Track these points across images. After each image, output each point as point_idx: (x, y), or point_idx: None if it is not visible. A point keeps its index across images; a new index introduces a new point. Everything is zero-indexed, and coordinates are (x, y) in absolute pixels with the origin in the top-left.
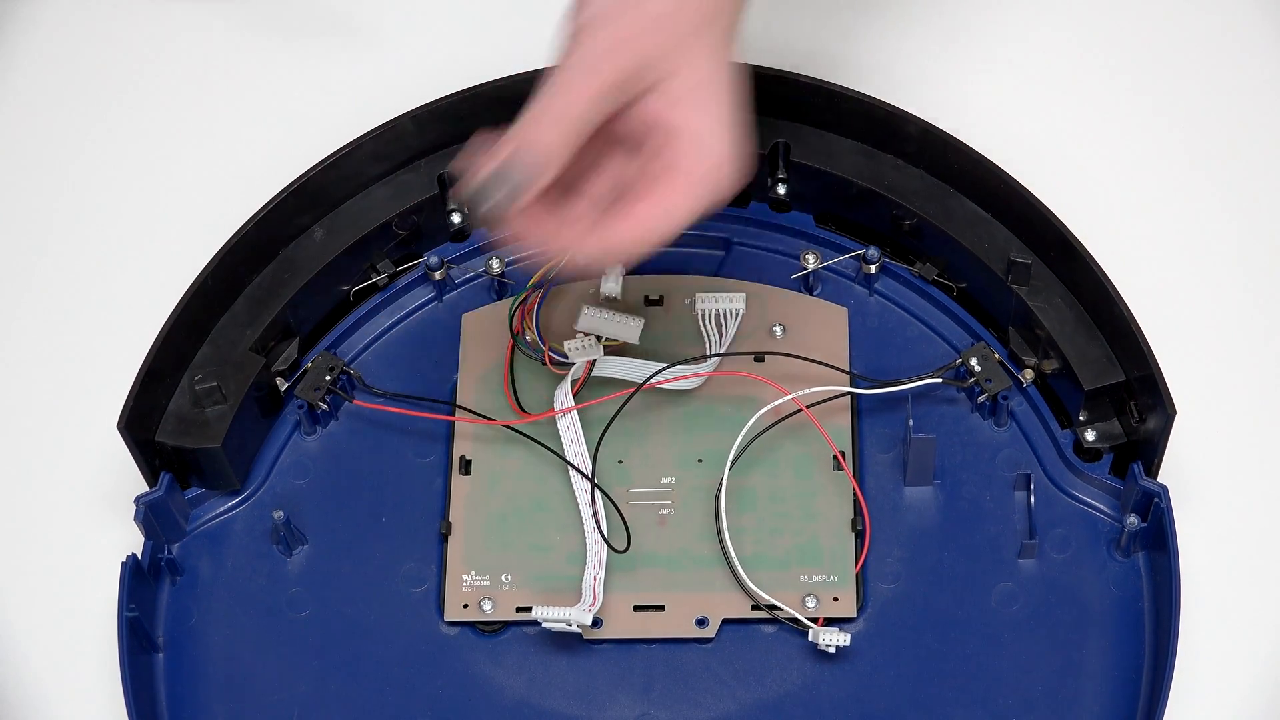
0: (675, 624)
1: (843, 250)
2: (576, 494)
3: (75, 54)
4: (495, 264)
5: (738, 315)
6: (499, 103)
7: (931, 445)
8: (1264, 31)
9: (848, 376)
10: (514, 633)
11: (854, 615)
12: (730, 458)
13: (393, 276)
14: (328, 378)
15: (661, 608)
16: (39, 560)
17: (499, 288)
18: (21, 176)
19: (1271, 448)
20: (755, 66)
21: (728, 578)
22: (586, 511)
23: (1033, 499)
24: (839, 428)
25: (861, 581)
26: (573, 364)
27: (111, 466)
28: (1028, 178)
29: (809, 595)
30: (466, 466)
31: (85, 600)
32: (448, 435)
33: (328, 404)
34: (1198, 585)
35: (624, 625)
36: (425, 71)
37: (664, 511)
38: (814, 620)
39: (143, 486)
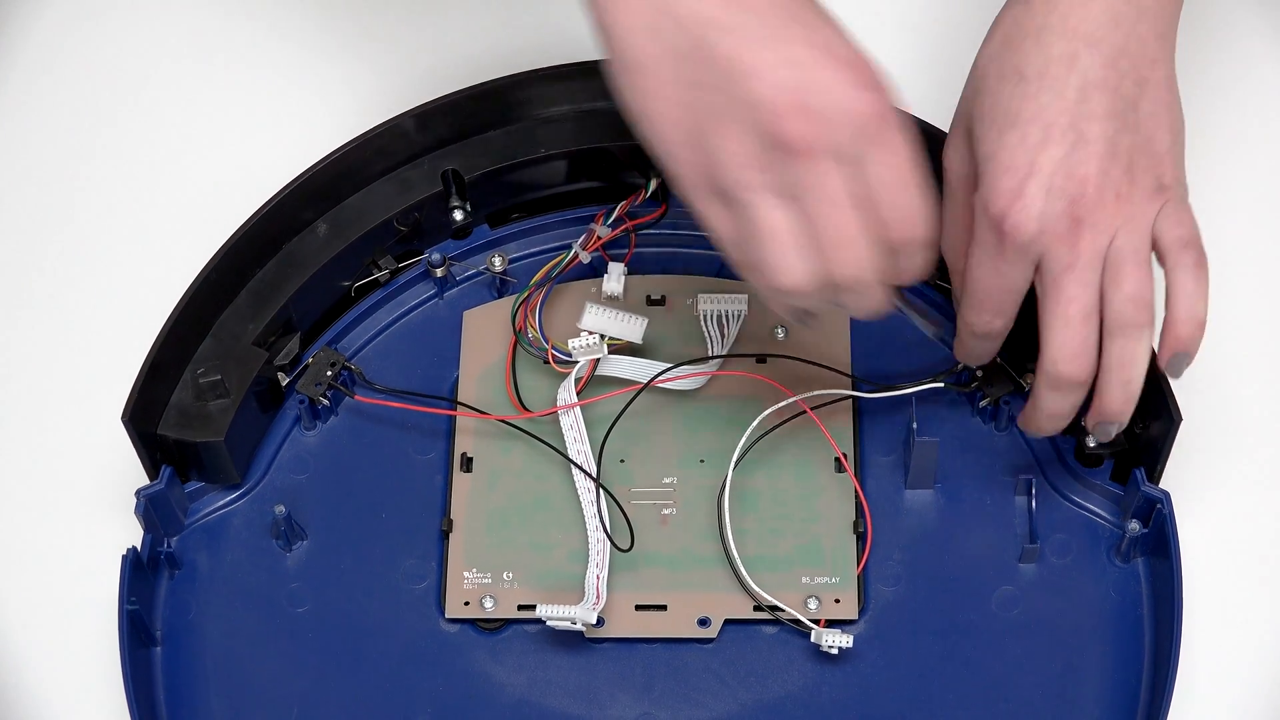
0: (677, 624)
1: None
2: (579, 492)
3: (80, 49)
4: (497, 261)
5: (740, 316)
6: (500, 101)
7: (934, 449)
8: (1269, 34)
9: (849, 379)
10: (515, 630)
11: (855, 617)
12: (734, 458)
13: (394, 272)
14: (329, 373)
15: (663, 607)
16: (39, 551)
17: (500, 285)
18: (26, 170)
19: (1274, 454)
20: None
21: (730, 578)
22: (590, 510)
23: (1034, 503)
24: (840, 430)
25: (863, 583)
26: (576, 362)
27: (111, 459)
28: None
29: (811, 596)
30: (468, 463)
31: (84, 592)
32: (449, 432)
33: (328, 399)
34: (1196, 591)
35: (626, 624)
36: (427, 70)
37: (666, 511)
38: (816, 621)
39: (141, 479)
